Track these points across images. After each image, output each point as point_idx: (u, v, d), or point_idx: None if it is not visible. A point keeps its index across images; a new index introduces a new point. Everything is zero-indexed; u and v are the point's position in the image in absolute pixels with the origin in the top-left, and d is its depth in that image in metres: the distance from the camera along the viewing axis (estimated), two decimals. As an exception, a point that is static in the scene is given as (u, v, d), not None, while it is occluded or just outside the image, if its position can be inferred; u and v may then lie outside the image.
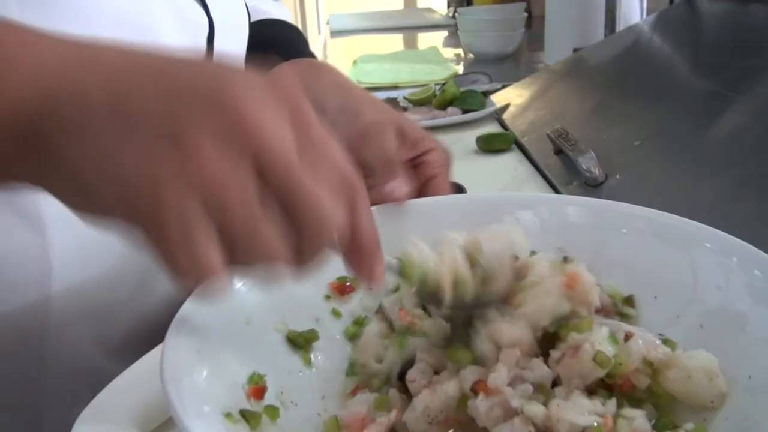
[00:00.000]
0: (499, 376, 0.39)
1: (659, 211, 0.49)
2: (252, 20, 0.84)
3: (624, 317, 0.47)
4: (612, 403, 0.38)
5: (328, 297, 0.50)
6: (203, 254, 0.31)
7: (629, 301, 0.48)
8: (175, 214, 0.31)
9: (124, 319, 0.62)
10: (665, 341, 0.42)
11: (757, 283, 0.40)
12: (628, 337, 0.40)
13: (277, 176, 0.32)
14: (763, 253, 0.41)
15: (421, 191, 0.60)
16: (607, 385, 0.40)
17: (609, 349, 0.39)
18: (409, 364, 0.45)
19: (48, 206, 0.52)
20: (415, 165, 0.62)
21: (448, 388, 0.40)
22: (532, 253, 0.50)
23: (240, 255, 0.32)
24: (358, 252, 0.37)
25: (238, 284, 0.45)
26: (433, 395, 0.41)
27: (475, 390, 0.39)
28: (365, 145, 0.60)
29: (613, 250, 0.50)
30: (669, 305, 0.46)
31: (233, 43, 0.70)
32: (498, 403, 0.38)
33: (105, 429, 0.42)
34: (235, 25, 0.71)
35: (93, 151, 0.32)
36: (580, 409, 0.37)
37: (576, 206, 0.54)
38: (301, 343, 0.46)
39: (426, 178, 0.61)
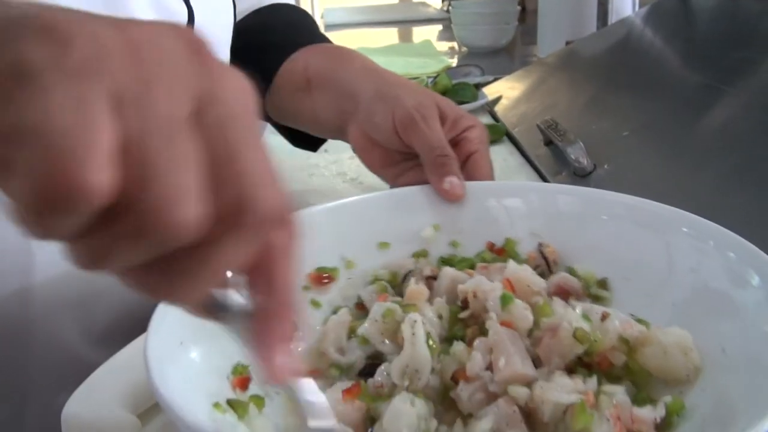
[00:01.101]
0: (476, 363, 0.40)
1: (640, 198, 0.50)
2: (259, 6, 0.83)
3: (597, 299, 0.48)
4: (592, 380, 0.39)
5: (306, 287, 0.51)
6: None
7: (603, 284, 0.49)
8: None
9: (108, 309, 0.61)
10: (639, 321, 0.43)
11: (732, 265, 0.41)
12: (604, 316, 0.41)
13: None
14: (738, 237, 0.42)
15: (464, 167, 0.60)
16: (586, 364, 0.41)
17: (585, 326, 0.40)
18: (372, 361, 0.45)
19: None
20: (456, 143, 0.61)
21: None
22: (509, 241, 0.52)
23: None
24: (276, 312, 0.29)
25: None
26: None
27: (455, 379, 0.41)
28: (412, 132, 0.60)
29: (593, 235, 0.51)
30: (644, 287, 0.47)
31: (215, 31, 0.69)
32: (478, 388, 0.39)
33: (95, 410, 0.43)
34: (218, 13, 0.69)
35: None
36: (562, 388, 0.38)
37: (559, 194, 0.55)
38: None
39: (466, 154, 0.61)
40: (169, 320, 0.39)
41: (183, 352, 0.40)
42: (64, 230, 0.23)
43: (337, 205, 0.56)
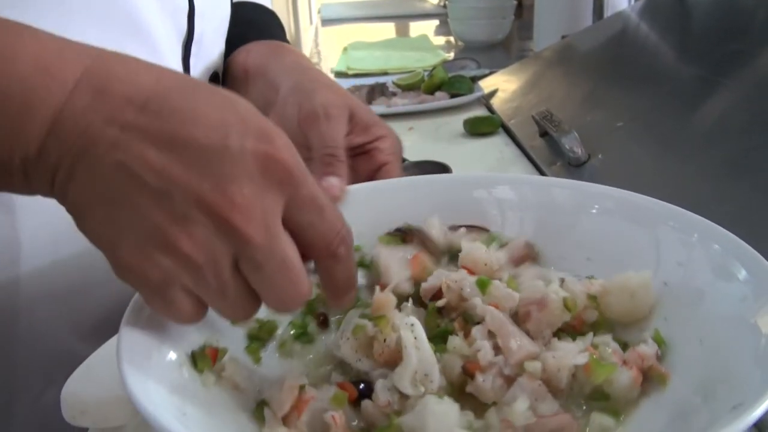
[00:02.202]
0: (486, 351, 0.40)
1: (629, 192, 0.50)
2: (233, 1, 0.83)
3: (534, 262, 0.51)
4: (585, 338, 0.41)
5: None
6: (175, 306, 0.36)
7: (531, 247, 0.52)
8: (158, 271, 0.34)
9: (99, 302, 0.60)
10: (588, 278, 0.46)
11: (718, 259, 0.42)
12: (562, 280, 0.44)
13: (251, 265, 0.35)
14: (722, 229, 0.43)
15: (373, 178, 0.60)
16: (562, 329, 0.43)
17: (563, 293, 0.42)
18: (357, 383, 0.42)
19: None
20: (366, 151, 0.61)
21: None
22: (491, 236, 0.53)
23: (217, 310, 0.37)
24: (335, 289, 0.41)
25: None
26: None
27: (469, 373, 0.40)
28: (312, 126, 0.59)
29: (580, 228, 0.51)
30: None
31: (214, 22, 0.69)
32: (496, 374, 0.40)
33: (94, 391, 0.43)
34: (216, 5, 0.70)
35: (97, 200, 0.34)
36: (570, 353, 0.39)
37: (551, 187, 0.55)
38: (263, 335, 0.47)
39: (378, 165, 0.61)
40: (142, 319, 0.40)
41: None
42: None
43: None
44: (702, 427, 0.33)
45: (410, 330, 0.40)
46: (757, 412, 0.29)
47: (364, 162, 0.61)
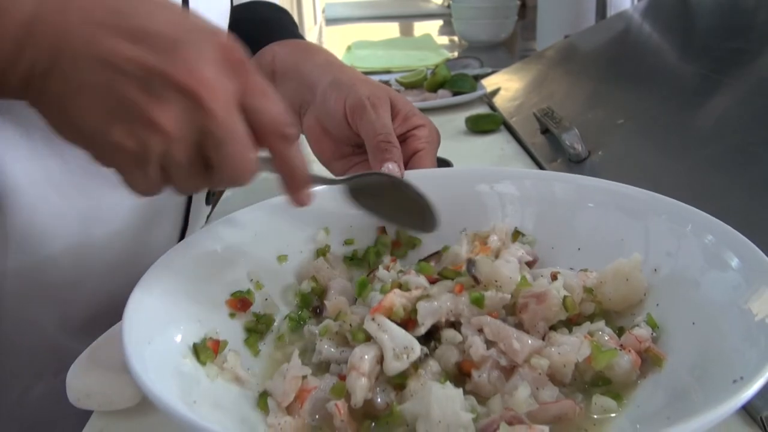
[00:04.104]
0: (478, 347, 0.41)
1: (625, 185, 0.51)
2: (240, 2, 0.84)
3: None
4: (581, 328, 0.42)
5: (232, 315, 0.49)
6: (149, 178, 0.41)
7: (517, 235, 0.53)
8: (140, 145, 0.39)
9: (87, 298, 0.61)
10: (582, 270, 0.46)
11: (710, 248, 0.43)
12: (553, 276, 0.45)
13: (212, 140, 0.40)
14: (715, 220, 0.44)
15: (407, 165, 0.61)
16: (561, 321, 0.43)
17: (564, 293, 0.42)
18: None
19: (7, 180, 0.51)
20: (404, 139, 0.63)
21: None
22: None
23: (175, 183, 0.42)
24: (288, 185, 0.46)
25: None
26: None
27: (465, 372, 0.41)
28: (360, 118, 0.61)
29: (573, 220, 0.52)
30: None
31: (211, 18, 0.69)
32: (492, 367, 0.40)
33: (98, 374, 0.44)
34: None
35: (73, 87, 0.38)
36: (571, 346, 0.40)
37: (550, 181, 0.56)
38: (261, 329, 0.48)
39: (412, 151, 0.62)
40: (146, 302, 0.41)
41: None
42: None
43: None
44: (702, 402, 0.33)
45: (371, 320, 0.42)
46: (757, 384, 0.30)
47: (402, 148, 0.61)
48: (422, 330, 0.42)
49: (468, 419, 0.35)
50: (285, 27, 0.82)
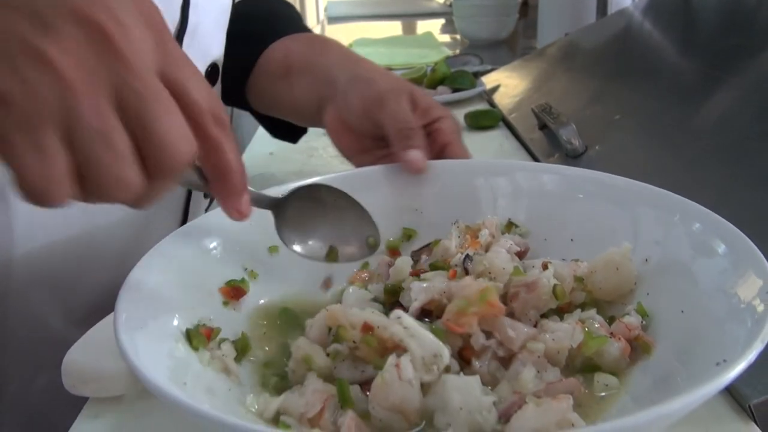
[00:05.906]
0: (478, 336, 0.41)
1: (613, 175, 0.52)
2: None
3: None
4: (572, 315, 0.42)
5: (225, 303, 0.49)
6: (52, 162, 0.30)
7: (510, 226, 0.54)
8: (16, 100, 0.29)
9: (91, 289, 0.61)
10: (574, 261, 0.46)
11: (697, 236, 0.43)
12: (544, 266, 0.45)
13: (133, 98, 0.31)
14: (703, 208, 0.44)
15: (439, 158, 0.62)
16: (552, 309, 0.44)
17: (554, 281, 0.42)
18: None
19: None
20: (428, 133, 0.63)
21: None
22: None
23: (91, 167, 0.32)
24: (225, 189, 0.38)
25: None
26: None
27: (466, 359, 0.41)
28: (381, 110, 0.62)
29: (564, 211, 0.53)
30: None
31: (211, 13, 0.68)
32: (490, 357, 0.41)
33: (94, 360, 0.45)
34: None
35: None
36: (565, 332, 0.40)
37: (540, 173, 0.57)
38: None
39: (441, 145, 0.63)
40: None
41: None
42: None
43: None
44: (686, 385, 0.34)
45: (398, 323, 0.38)
46: (740, 366, 0.30)
47: (428, 143, 0.62)
48: (416, 304, 0.42)
49: (489, 402, 0.35)
50: (294, 21, 0.82)
